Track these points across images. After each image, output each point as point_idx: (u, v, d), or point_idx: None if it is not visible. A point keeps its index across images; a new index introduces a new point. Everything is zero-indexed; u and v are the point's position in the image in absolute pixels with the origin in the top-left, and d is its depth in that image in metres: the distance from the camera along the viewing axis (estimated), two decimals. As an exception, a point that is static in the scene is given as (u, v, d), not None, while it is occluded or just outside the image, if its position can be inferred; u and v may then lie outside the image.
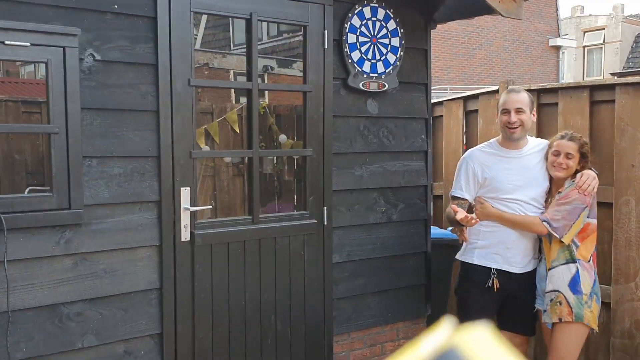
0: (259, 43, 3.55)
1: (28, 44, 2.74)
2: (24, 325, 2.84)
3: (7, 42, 2.69)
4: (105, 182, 3.01)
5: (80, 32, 2.86)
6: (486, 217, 3.38)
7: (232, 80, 8.26)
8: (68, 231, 2.91)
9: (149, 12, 3.09)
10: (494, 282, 3.39)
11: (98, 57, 2.96)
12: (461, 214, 3.19)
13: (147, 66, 3.11)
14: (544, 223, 3.26)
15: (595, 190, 3.28)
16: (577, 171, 3.32)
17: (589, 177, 3.26)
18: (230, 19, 6.09)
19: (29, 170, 4.44)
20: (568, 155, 3.29)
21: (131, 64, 3.05)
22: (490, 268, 3.41)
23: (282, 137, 5.32)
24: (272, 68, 7.69)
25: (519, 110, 3.36)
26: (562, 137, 3.35)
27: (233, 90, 6.76)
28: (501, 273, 3.40)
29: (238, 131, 5.32)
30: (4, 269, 2.73)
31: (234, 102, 6.72)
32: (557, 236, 3.23)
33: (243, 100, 6.78)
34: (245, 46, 3.66)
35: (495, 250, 3.41)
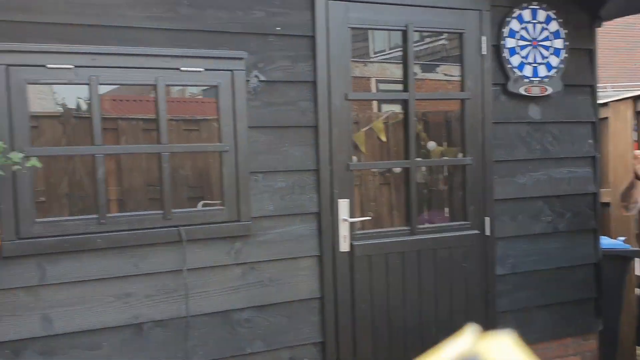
0: (398, 49, 3.54)
1: (202, 69, 2.95)
2: (200, 330, 3.05)
3: (182, 69, 2.92)
4: (269, 195, 3.16)
5: (247, 55, 3.05)
6: None
7: (375, 88, 8.32)
8: (238, 242, 3.09)
9: (308, 32, 3.20)
10: None
11: (262, 78, 3.12)
12: None
13: (306, 83, 3.22)
14: None
15: None
16: None
17: None
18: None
19: (189, 184, 4.76)
20: None
21: (292, 83, 3.18)
22: None
23: (431, 144, 5.24)
24: (415, 73, 7.64)
25: None
26: None
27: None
28: None
29: (385, 140, 5.31)
30: (184, 277, 2.97)
31: (375, 110, 6.72)
32: None
33: (386, 108, 6.78)
34: (388, 54, 3.66)
35: None
